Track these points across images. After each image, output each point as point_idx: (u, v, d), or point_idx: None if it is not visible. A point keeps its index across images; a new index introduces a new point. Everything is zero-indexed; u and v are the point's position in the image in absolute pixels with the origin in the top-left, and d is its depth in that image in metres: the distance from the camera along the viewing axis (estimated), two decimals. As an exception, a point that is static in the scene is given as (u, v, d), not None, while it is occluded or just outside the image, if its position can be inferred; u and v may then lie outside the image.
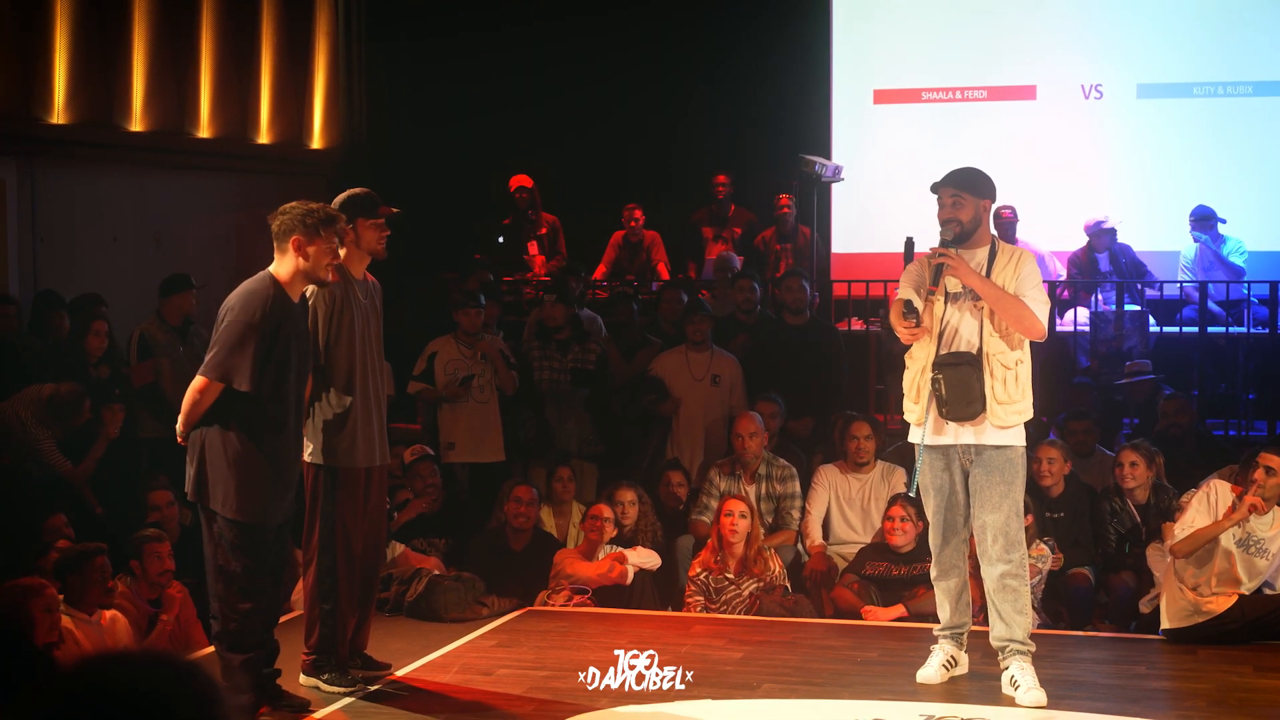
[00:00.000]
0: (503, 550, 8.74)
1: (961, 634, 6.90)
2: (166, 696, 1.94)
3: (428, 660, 7.25)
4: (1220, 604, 7.47)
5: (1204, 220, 12.55)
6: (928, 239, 12.55)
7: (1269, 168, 13.52)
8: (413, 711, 6.48)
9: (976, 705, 6.53)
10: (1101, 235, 12.47)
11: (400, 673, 7.01)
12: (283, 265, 6.29)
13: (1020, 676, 6.55)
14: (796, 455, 9.70)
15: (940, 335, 6.56)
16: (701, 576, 8.39)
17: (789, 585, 8.54)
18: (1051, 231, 13.09)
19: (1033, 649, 6.66)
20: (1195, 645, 7.49)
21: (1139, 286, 12.24)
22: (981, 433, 6.52)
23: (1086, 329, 11.90)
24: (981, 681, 6.89)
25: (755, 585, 8.31)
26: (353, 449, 6.66)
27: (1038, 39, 14.00)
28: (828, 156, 13.62)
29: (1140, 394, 10.92)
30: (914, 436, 6.71)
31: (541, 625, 7.95)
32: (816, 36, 14.50)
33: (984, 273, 6.54)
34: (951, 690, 6.75)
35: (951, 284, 6.54)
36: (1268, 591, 7.60)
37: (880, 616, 8.14)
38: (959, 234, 6.60)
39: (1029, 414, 6.57)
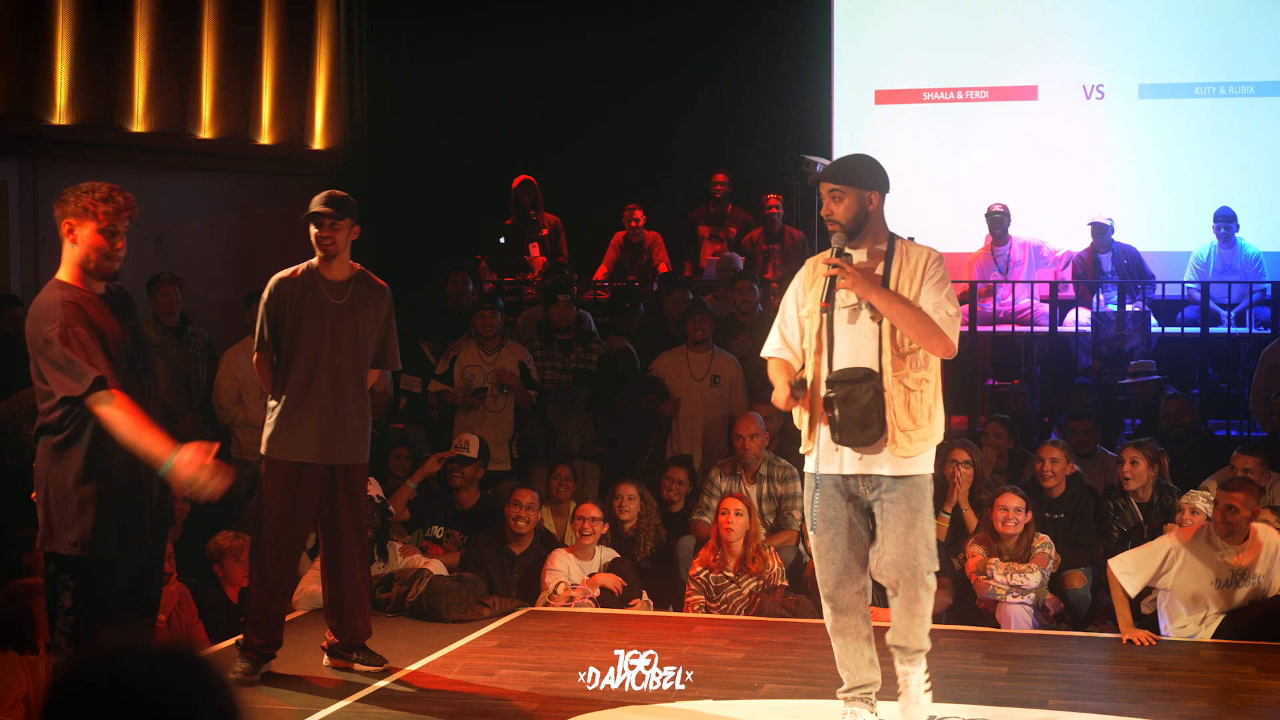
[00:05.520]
0: (503, 552, 8.74)
1: (870, 693, 6.01)
2: (180, 693, 1.95)
3: (429, 660, 7.25)
4: (1210, 629, 7.60)
5: (1228, 221, 12.54)
6: (927, 238, 12.56)
7: (1270, 168, 13.51)
8: (414, 712, 6.48)
9: (978, 705, 6.52)
10: (1100, 233, 12.47)
11: (402, 673, 7.02)
12: None
13: (911, 680, 5.95)
14: (798, 456, 9.69)
15: (831, 349, 5.73)
16: (702, 575, 8.39)
17: (788, 583, 8.54)
18: (1053, 232, 13.09)
19: (928, 647, 5.98)
20: (1197, 646, 7.50)
21: (1140, 286, 12.24)
22: (880, 462, 5.72)
23: (1088, 329, 11.90)
24: (983, 681, 6.89)
25: (755, 584, 8.31)
26: (288, 442, 6.71)
27: (1039, 39, 14.00)
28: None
29: (1144, 394, 10.92)
30: (808, 465, 5.91)
31: (543, 625, 7.96)
32: (818, 37, 14.50)
33: (881, 275, 5.74)
34: (953, 690, 6.74)
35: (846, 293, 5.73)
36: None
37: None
38: (844, 234, 5.76)
39: (938, 438, 5.84)
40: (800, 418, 5.83)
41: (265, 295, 6.80)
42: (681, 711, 6.47)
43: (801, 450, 5.89)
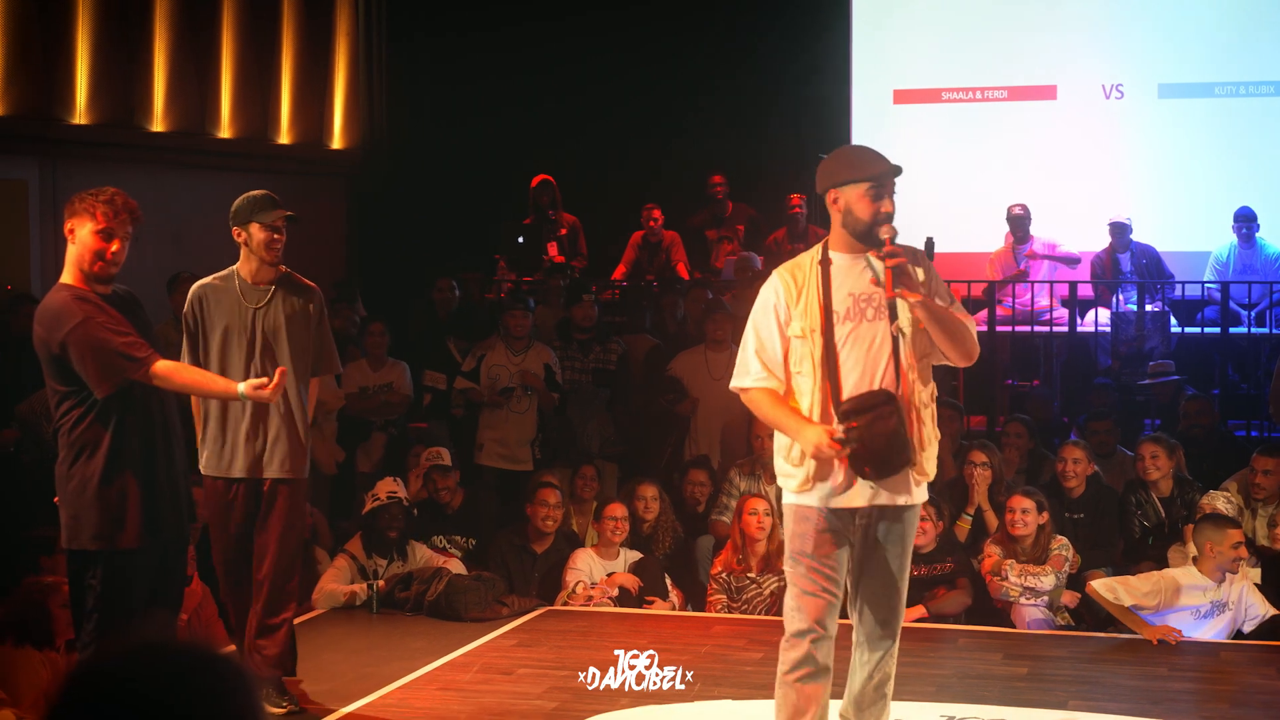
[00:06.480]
0: (524, 550, 8.75)
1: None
2: (196, 694, 1.93)
3: (448, 659, 7.26)
4: None
5: (1248, 220, 12.51)
6: (945, 238, 12.50)
7: (1290, 168, 13.47)
8: (433, 710, 6.48)
9: (997, 706, 6.51)
10: (1120, 232, 12.43)
11: (421, 671, 7.03)
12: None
13: None
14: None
15: (837, 371, 5.01)
16: (723, 576, 8.39)
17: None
18: (1072, 232, 13.05)
19: None
20: (1217, 646, 7.48)
21: (1159, 286, 12.21)
22: (899, 489, 5.07)
23: (1108, 329, 11.87)
24: (1002, 682, 6.88)
25: (777, 584, 8.31)
26: (211, 457, 6.42)
27: (1058, 39, 13.97)
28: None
29: (1164, 394, 10.89)
30: (807, 499, 5.11)
31: (562, 625, 7.96)
32: (836, 37, 14.49)
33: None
34: (972, 691, 6.73)
35: (839, 300, 5.05)
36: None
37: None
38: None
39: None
40: (791, 449, 5.08)
41: (185, 306, 6.46)
42: (700, 711, 6.47)
43: (796, 490, 5.10)
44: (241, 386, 5.81)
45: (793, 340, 5.07)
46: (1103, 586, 7.67)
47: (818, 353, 5.00)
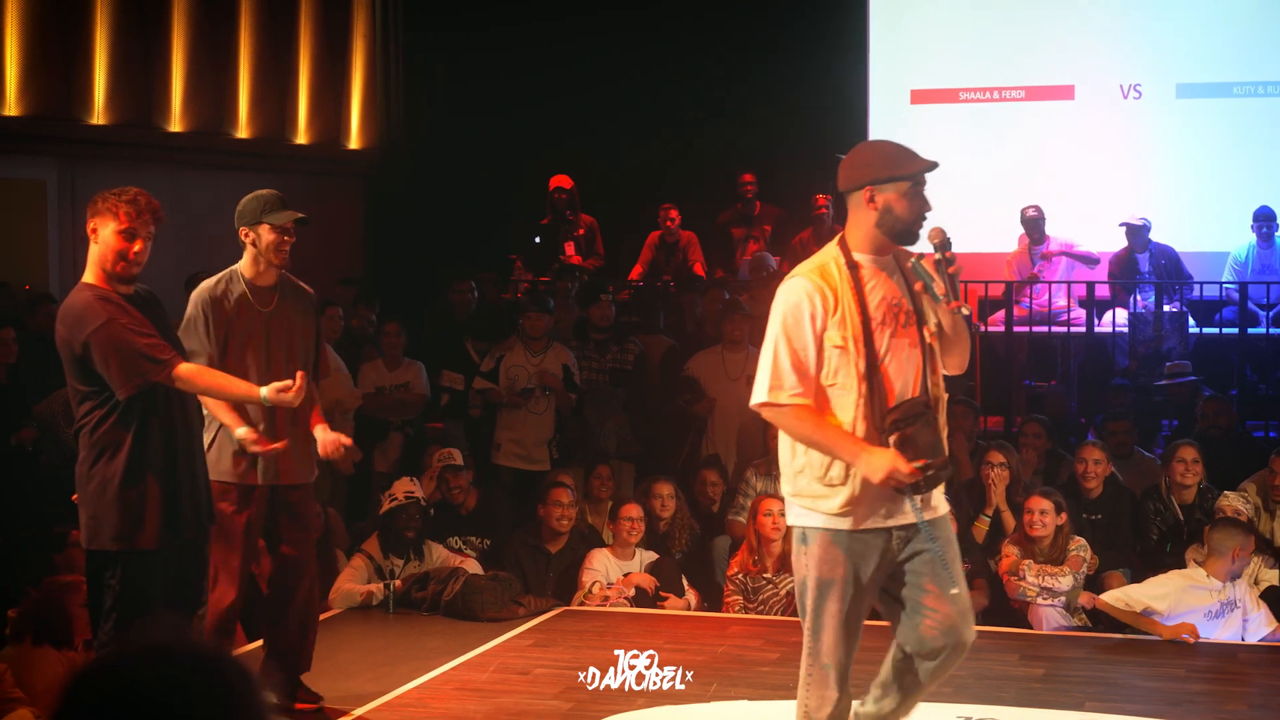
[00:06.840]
0: (538, 550, 8.75)
1: None
2: (198, 697, 1.92)
3: (464, 659, 7.26)
4: None
5: (1267, 220, 12.47)
6: (962, 239, 12.49)
7: (1309, 168, 13.42)
8: (450, 710, 6.49)
9: (1014, 706, 6.50)
10: (1135, 234, 12.40)
11: (437, 671, 7.03)
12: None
13: None
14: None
15: (878, 379, 4.70)
16: (739, 577, 8.39)
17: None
18: (1091, 232, 13.02)
19: None
20: (1235, 648, 7.46)
21: (1177, 287, 12.18)
22: (936, 502, 4.83)
23: (1125, 330, 11.85)
24: (1019, 683, 6.86)
25: (792, 584, 8.30)
26: (227, 463, 6.28)
27: (1076, 38, 13.94)
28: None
29: (1180, 395, 10.86)
30: (837, 522, 4.77)
31: (578, 625, 7.96)
32: (853, 36, 14.47)
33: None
34: (989, 692, 6.72)
35: (874, 306, 4.76)
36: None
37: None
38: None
39: None
40: (830, 467, 4.74)
41: (192, 309, 6.30)
42: (717, 711, 6.47)
43: (836, 511, 4.73)
44: (264, 391, 5.77)
45: (830, 351, 4.68)
46: (1111, 597, 7.67)
47: (862, 364, 4.65)
